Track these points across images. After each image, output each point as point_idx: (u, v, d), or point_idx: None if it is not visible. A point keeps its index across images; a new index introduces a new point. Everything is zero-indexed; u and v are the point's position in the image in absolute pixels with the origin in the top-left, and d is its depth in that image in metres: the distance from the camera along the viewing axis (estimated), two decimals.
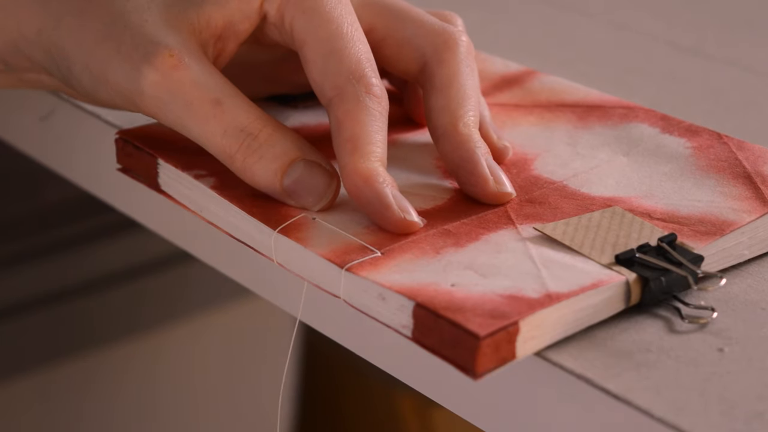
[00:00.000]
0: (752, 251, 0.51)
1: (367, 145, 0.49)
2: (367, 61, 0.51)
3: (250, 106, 0.50)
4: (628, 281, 0.47)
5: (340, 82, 0.50)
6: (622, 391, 0.43)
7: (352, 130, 0.50)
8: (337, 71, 0.50)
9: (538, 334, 0.45)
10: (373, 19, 0.54)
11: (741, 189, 0.53)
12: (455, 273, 0.47)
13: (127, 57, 0.51)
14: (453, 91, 0.53)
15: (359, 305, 0.47)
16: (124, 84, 0.51)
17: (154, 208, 0.61)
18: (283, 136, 0.50)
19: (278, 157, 0.50)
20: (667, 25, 0.78)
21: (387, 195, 0.49)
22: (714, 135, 0.57)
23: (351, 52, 0.51)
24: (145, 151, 0.55)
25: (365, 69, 0.51)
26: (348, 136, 0.50)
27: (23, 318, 0.99)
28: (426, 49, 0.54)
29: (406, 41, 0.54)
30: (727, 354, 0.45)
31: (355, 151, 0.49)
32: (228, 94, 0.50)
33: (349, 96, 0.50)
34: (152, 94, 0.50)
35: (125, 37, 0.51)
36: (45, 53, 0.53)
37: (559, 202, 0.52)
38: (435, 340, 0.45)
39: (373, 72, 0.51)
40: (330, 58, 0.50)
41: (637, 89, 0.68)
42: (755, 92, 0.69)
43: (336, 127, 0.50)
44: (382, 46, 0.54)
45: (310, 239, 0.49)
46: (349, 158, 0.49)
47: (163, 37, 0.51)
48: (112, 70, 0.51)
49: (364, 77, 0.50)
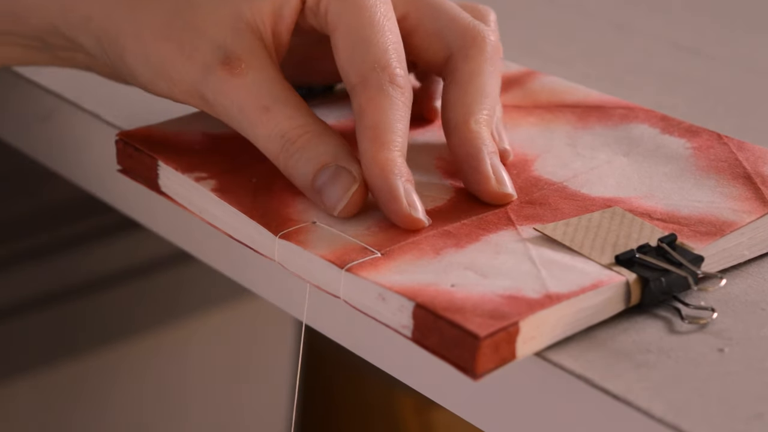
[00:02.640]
0: (752, 252, 0.51)
1: (388, 133, 0.50)
2: (394, 51, 0.52)
3: (295, 112, 0.51)
4: (628, 282, 0.47)
5: (364, 69, 0.51)
6: (622, 391, 0.43)
7: (373, 118, 0.50)
8: (362, 59, 0.51)
9: (538, 335, 0.45)
10: (407, 8, 0.55)
11: (741, 189, 0.53)
12: (455, 274, 0.47)
13: (189, 58, 0.52)
14: (472, 87, 0.53)
15: (359, 305, 0.47)
16: (186, 83, 0.52)
17: (154, 209, 0.61)
18: (320, 141, 0.51)
19: (311, 161, 0.51)
20: (667, 25, 0.78)
21: (398, 188, 0.49)
22: (714, 135, 0.57)
23: (379, 41, 0.51)
24: (145, 153, 0.55)
25: (391, 59, 0.51)
26: (369, 124, 0.50)
27: (23, 318, 0.99)
28: (454, 43, 0.54)
29: (436, 33, 0.55)
30: (727, 354, 0.45)
31: (375, 139, 0.50)
32: (277, 100, 0.51)
33: (372, 84, 0.51)
34: (211, 97, 0.52)
35: (186, 36, 0.52)
36: (94, 39, 0.54)
37: (559, 203, 0.52)
38: (435, 341, 0.45)
39: (399, 62, 0.51)
40: (358, 46, 0.51)
41: (637, 89, 0.68)
42: (755, 92, 0.69)
43: (358, 114, 0.51)
44: (413, 35, 0.55)
45: (310, 241, 0.49)
46: (369, 145, 0.50)
47: (219, 40, 0.52)
48: (175, 69, 0.52)
49: (389, 66, 0.51)
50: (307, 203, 0.52)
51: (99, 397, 1.06)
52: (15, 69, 0.66)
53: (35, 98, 0.66)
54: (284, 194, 0.52)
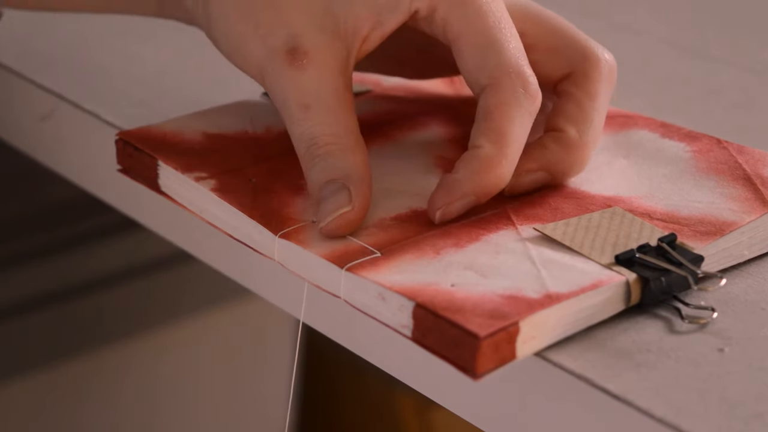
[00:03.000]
0: (752, 251, 0.51)
1: (512, 146, 0.50)
2: (524, 57, 0.52)
3: (332, 120, 0.51)
4: (628, 281, 0.47)
5: (498, 73, 0.51)
6: (622, 392, 0.43)
7: (500, 123, 0.50)
8: (497, 63, 0.51)
9: (538, 335, 0.45)
10: (523, 25, 0.54)
11: (741, 190, 0.53)
12: (455, 273, 0.47)
13: (262, 39, 0.52)
14: (589, 104, 0.53)
15: (359, 305, 0.47)
16: (254, 64, 0.53)
17: (154, 208, 0.61)
18: (341, 156, 0.51)
19: (323, 171, 0.51)
20: (667, 25, 0.78)
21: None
22: (713, 140, 0.57)
23: (511, 45, 0.51)
24: (145, 153, 0.55)
25: (524, 65, 0.51)
26: (494, 127, 0.50)
27: (23, 318, 0.99)
28: (575, 61, 0.54)
29: (557, 51, 0.55)
30: (727, 354, 0.45)
31: (498, 143, 0.50)
32: (322, 103, 0.51)
33: (505, 87, 0.51)
34: (268, 83, 0.52)
35: (265, 17, 0.52)
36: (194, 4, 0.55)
37: (559, 203, 0.52)
38: (435, 341, 0.45)
39: (530, 69, 0.51)
40: (489, 50, 0.51)
41: (637, 89, 0.68)
42: (755, 92, 0.69)
43: (484, 115, 0.51)
44: (531, 51, 0.54)
45: (310, 241, 0.49)
46: (490, 148, 0.50)
47: (296, 29, 0.52)
48: (247, 48, 0.53)
49: (524, 73, 0.51)
50: (307, 203, 0.52)
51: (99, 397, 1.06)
52: (15, 69, 0.66)
53: (35, 98, 0.66)
54: (284, 194, 0.52)
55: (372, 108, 0.60)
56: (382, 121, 0.59)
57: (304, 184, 0.53)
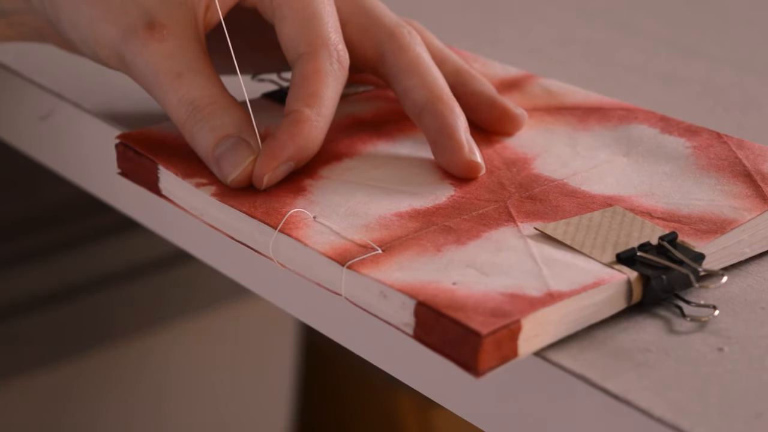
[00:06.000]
0: (753, 249, 0.51)
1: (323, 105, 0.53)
2: (339, 33, 0.56)
3: (207, 83, 0.54)
4: (630, 280, 0.47)
5: (317, 43, 0.54)
6: (622, 391, 0.43)
7: (316, 87, 0.53)
8: (316, 33, 0.54)
9: (540, 333, 0.45)
10: (339, 3, 0.57)
11: (741, 187, 0.53)
12: (457, 271, 0.47)
13: (115, 21, 0.54)
14: (422, 69, 0.56)
15: (361, 303, 0.47)
16: (109, 46, 0.55)
17: (154, 209, 0.61)
18: (226, 113, 0.53)
19: (214, 130, 0.53)
20: (667, 25, 0.78)
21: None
22: (714, 134, 0.57)
23: (330, 20, 0.55)
24: (145, 157, 0.55)
25: (338, 40, 0.55)
26: (311, 91, 0.53)
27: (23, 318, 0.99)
28: (383, 38, 0.57)
29: (365, 29, 0.57)
30: (727, 354, 0.45)
31: (313, 105, 0.53)
32: (192, 69, 0.54)
33: (321, 56, 0.54)
34: (130, 60, 0.54)
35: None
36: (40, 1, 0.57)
37: (560, 200, 0.52)
38: (437, 339, 0.45)
39: (343, 44, 0.55)
40: (311, 21, 0.54)
41: (637, 89, 0.68)
42: (755, 92, 0.69)
43: (300, 80, 0.54)
44: (343, 27, 0.57)
45: (310, 237, 0.49)
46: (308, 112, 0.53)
47: (147, 6, 0.54)
48: (99, 30, 0.55)
49: (337, 45, 0.55)
50: (308, 203, 0.52)
51: (99, 397, 1.06)
52: (15, 69, 0.66)
53: (35, 98, 0.66)
54: (284, 195, 0.52)
55: (372, 107, 0.60)
56: (382, 120, 0.59)
57: (305, 184, 0.53)
